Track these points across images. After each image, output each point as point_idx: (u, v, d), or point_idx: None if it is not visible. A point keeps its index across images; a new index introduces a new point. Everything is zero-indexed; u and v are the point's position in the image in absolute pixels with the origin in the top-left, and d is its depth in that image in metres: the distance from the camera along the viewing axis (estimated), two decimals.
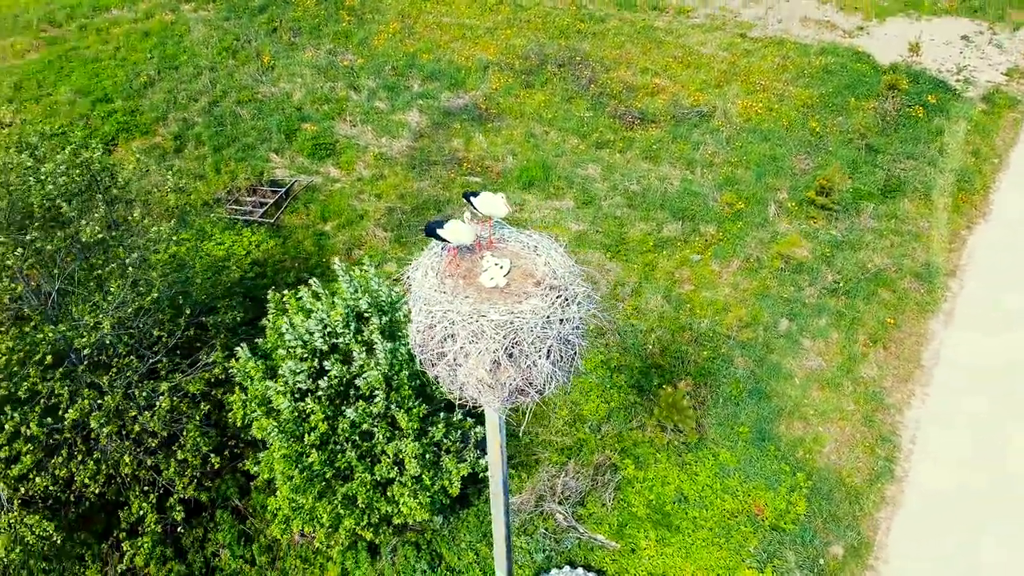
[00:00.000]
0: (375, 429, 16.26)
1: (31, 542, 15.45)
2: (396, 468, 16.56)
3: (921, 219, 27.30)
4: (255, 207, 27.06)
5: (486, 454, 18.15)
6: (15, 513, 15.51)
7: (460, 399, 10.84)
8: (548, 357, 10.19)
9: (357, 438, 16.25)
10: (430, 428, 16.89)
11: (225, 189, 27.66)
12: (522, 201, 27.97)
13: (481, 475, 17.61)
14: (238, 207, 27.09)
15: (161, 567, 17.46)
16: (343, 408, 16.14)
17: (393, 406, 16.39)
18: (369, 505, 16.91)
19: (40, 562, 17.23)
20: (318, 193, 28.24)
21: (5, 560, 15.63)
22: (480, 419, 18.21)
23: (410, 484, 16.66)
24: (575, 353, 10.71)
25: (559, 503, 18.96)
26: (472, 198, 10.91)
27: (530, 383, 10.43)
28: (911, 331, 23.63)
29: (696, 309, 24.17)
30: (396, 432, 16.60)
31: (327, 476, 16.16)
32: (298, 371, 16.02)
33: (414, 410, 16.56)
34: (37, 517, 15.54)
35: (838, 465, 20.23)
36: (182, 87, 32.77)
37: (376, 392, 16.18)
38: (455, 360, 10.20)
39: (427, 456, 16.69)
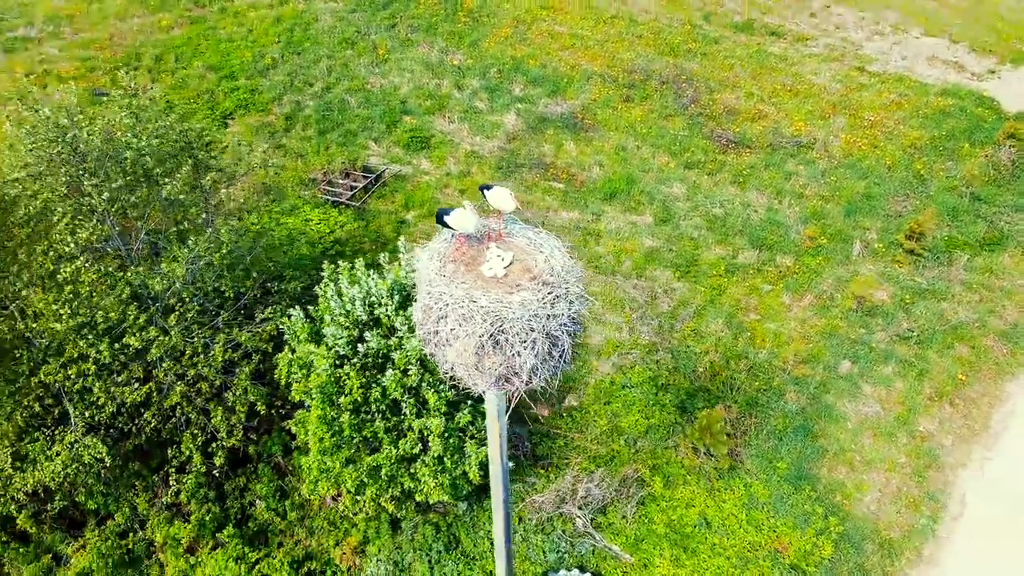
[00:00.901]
0: (404, 404, 16.96)
1: (87, 461, 17.01)
2: (420, 445, 17.21)
3: (1019, 276, 25.78)
4: (346, 190, 28.47)
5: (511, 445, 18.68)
6: (78, 432, 17.12)
7: (452, 379, 11.33)
8: (532, 349, 10.55)
9: (386, 409, 17.00)
10: (456, 413, 17.48)
11: (321, 170, 29.25)
12: (600, 211, 28.22)
13: (512, 465, 18.01)
14: (331, 188, 28.59)
15: (201, 505, 18.79)
16: (378, 377, 16.91)
17: (424, 385, 17.07)
18: (392, 478, 17.67)
19: (98, 484, 18.88)
20: (406, 183, 29.42)
21: (64, 475, 17.22)
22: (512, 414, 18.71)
23: (432, 464, 17.30)
24: (564, 350, 11.02)
25: (579, 507, 19.14)
26: (486, 191, 11.41)
27: (516, 372, 10.82)
28: (984, 391, 22.42)
29: (757, 339, 23.76)
30: (424, 410, 17.26)
31: (355, 442, 17.00)
32: (339, 337, 16.89)
33: (444, 393, 17.19)
34: (94, 440, 17.09)
35: (876, 516, 19.49)
36: (301, 72, 34.77)
37: (410, 367, 16.89)
38: (446, 340, 10.73)
39: (451, 439, 17.28)
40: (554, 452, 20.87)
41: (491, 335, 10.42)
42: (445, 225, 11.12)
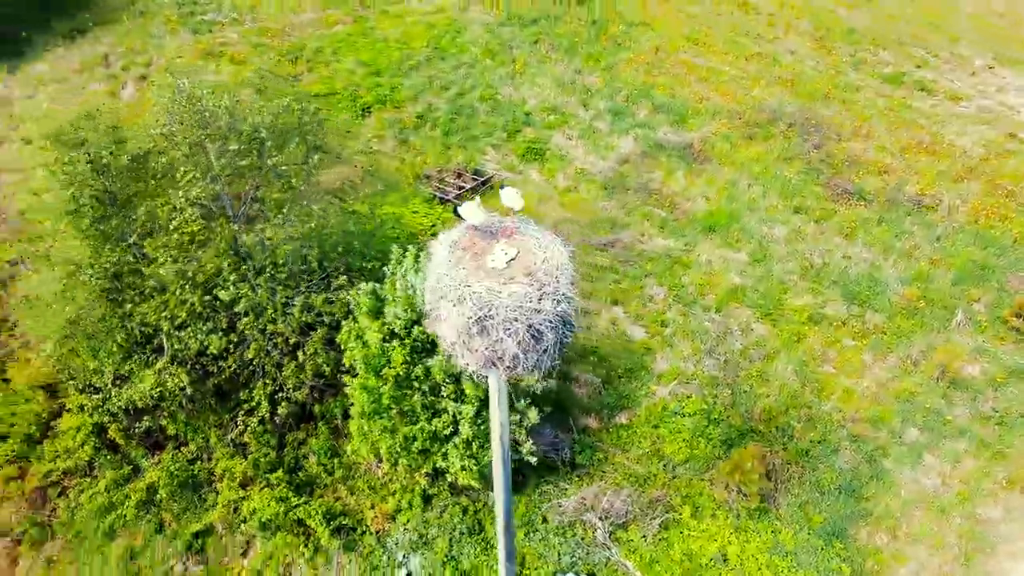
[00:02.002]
0: (444, 387, 18.15)
1: (171, 388, 19.33)
2: (452, 427, 18.33)
3: None
4: (455, 188, 30.15)
5: (543, 443, 19.49)
6: (165, 360, 19.49)
7: (449, 355, 12.35)
8: (514, 338, 11.40)
9: (427, 389, 18.24)
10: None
11: (436, 168, 31.12)
12: (695, 242, 28.39)
13: (535, 461, 18.89)
14: (441, 185, 30.37)
15: (261, 447, 20.79)
16: (424, 359, 18.19)
17: (465, 375, 18.15)
18: (426, 453, 18.92)
19: (181, 413, 21.29)
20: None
21: (152, 396, 19.63)
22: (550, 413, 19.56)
23: (461, 447, 18.39)
24: (549, 346, 11.78)
25: (601, 518, 19.59)
26: (502, 189, 12.38)
27: (500, 357, 11.71)
28: None
29: (825, 391, 23.25)
30: (462, 398, 18.38)
31: (393, 413, 18.35)
32: (398, 317, 18.28)
33: (482, 384, 18.21)
34: (180, 370, 19.39)
35: None
36: (440, 76, 36.96)
37: None
38: (440, 317, 11.80)
39: (482, 427, 18.29)
40: (593, 464, 21.40)
41: (478, 319, 11.37)
42: (459, 216, 12.18)
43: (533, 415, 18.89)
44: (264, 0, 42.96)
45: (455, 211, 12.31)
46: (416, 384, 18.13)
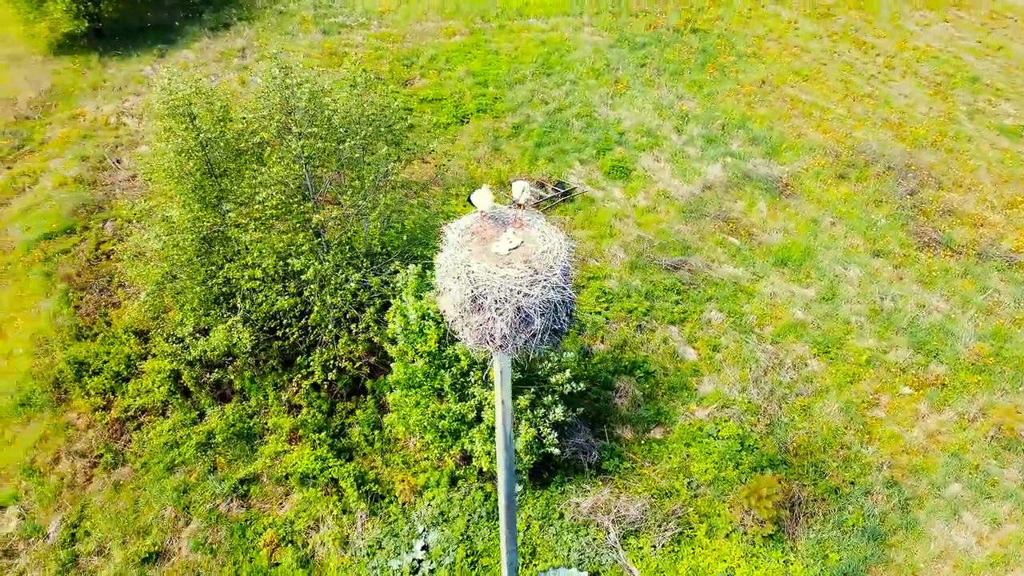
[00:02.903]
0: (472, 371, 19.27)
1: (234, 341, 21.36)
2: (478, 412, 19.41)
3: None
4: (535, 197, 31.30)
5: (572, 444, 20.31)
6: (236, 319, 21.54)
7: (452, 330, 13.45)
8: (503, 317, 12.38)
9: (456, 370, 19.41)
10: (519, 396, 19.44)
11: (520, 175, 32.39)
12: (764, 274, 28.36)
13: (557, 452, 19.73)
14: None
15: (311, 410, 22.54)
16: (456, 341, 19.37)
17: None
18: (455, 435, 20.08)
19: (248, 370, 23.35)
20: (592, 205, 31.60)
21: (223, 350, 21.73)
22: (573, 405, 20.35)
23: (484, 432, 19.44)
24: (538, 330, 12.67)
25: (613, 522, 20.13)
26: (513, 183, 13.41)
27: (491, 335, 12.71)
28: None
29: (870, 435, 22.86)
30: (489, 384, 19.44)
31: (425, 389, 19.63)
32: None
33: (512, 375, 19.21)
34: (247, 328, 21.38)
35: None
36: (542, 91, 38.33)
37: None
38: (444, 292, 12.94)
39: (513, 416, 19.25)
40: (619, 472, 21.93)
41: (472, 297, 12.43)
42: (471, 203, 13.29)
43: (559, 412, 19.72)
44: (392, 8, 45.78)
45: (469, 199, 13.41)
46: (447, 364, 19.32)
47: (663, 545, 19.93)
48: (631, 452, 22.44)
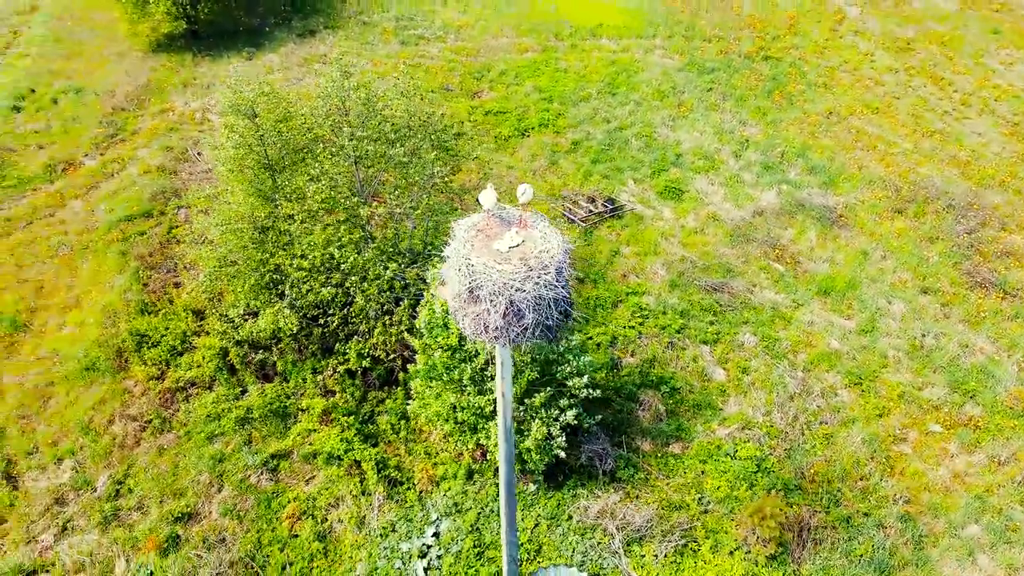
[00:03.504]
0: (491, 366, 20.12)
1: (280, 325, 22.81)
2: (493, 405, 20.22)
3: None
4: (584, 211, 32.03)
5: (584, 446, 20.92)
6: (283, 304, 23.00)
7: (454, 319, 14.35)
8: (497, 310, 13.21)
9: (475, 363, 20.29)
10: (535, 394, 20.18)
11: (572, 189, 33.19)
12: (804, 302, 28.32)
13: (564, 455, 20.37)
14: (573, 205, 32.38)
15: (344, 395, 23.80)
16: None
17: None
18: (475, 429, 20.96)
19: (291, 354, 24.81)
20: (640, 223, 32.10)
21: (269, 332, 23.24)
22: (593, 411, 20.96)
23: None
24: (529, 325, 13.43)
25: (617, 527, 20.59)
26: (518, 186, 14.26)
27: (486, 326, 13.56)
28: None
29: (892, 469, 22.65)
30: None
31: (444, 381, 20.58)
32: None
33: (528, 374, 20.03)
34: (291, 314, 22.81)
35: None
36: (606, 109, 39.08)
37: None
38: (445, 280, 13.87)
39: (524, 412, 20.05)
40: (632, 481, 22.35)
41: (470, 288, 13.32)
42: (479, 203, 14.18)
43: (571, 415, 20.37)
44: (470, 23, 47.37)
45: (478, 200, 14.32)
46: (467, 358, 20.22)
47: (665, 555, 20.23)
48: (647, 463, 22.83)
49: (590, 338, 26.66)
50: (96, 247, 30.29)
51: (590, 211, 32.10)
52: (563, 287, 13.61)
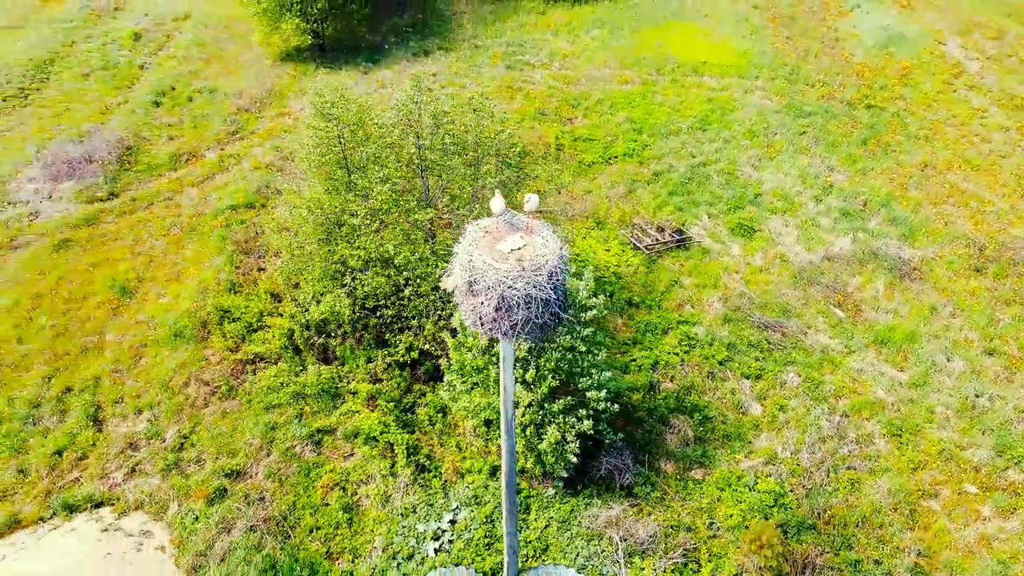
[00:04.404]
0: (517, 371, 21.45)
1: (336, 309, 24.98)
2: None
3: None
4: (651, 240, 32.87)
5: (605, 459, 21.93)
6: (342, 291, 25.16)
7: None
8: (490, 304, 14.59)
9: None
10: (555, 401, 21.33)
11: (643, 218, 34.11)
12: (857, 350, 28.11)
13: (576, 460, 21.36)
14: (641, 233, 33.29)
15: (390, 384, 25.66)
16: None
17: (535, 368, 21.31)
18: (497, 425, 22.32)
19: (350, 339, 26.94)
20: (705, 256, 32.62)
21: (328, 317, 25.49)
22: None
23: (518, 429, 21.48)
24: (518, 321, 14.71)
25: (621, 538, 21.35)
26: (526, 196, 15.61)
27: (480, 318, 14.96)
28: None
29: (916, 523, 22.33)
30: (531, 386, 21.50)
31: (473, 380, 22.04)
32: None
33: (548, 381, 21.22)
34: (348, 301, 24.93)
35: None
36: (693, 144, 39.75)
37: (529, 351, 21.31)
38: (450, 273, 15.38)
39: (539, 414, 21.26)
40: (647, 499, 23.02)
41: (469, 282, 14.77)
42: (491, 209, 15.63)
43: (587, 425, 21.36)
44: (577, 52, 49.13)
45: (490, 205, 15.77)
46: (496, 359, 21.60)
47: (664, 570, 20.81)
48: (665, 484, 23.43)
49: (633, 360, 27.50)
50: (202, 230, 33.66)
51: (656, 240, 32.90)
52: (553, 289, 14.84)
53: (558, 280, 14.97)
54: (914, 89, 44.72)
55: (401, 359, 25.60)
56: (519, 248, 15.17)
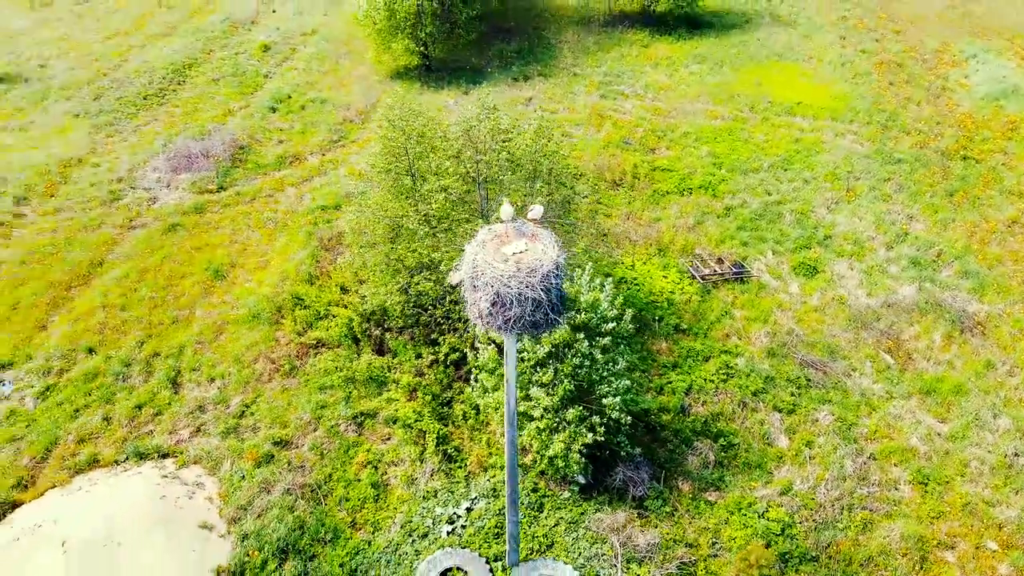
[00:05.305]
0: (537, 371, 22.90)
1: (386, 304, 27.20)
2: (536, 411, 22.92)
3: None
4: (709, 271, 33.56)
5: (625, 473, 23.13)
6: (396, 288, 27.37)
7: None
8: (487, 300, 16.22)
9: (522, 366, 23.17)
10: (570, 408, 22.64)
11: (706, 248, 34.83)
12: (901, 396, 27.91)
13: (582, 464, 22.55)
14: (701, 264, 34.03)
15: (432, 378, 27.60)
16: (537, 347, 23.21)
17: (558, 380, 22.71)
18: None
19: (403, 335, 29.13)
20: (761, 290, 33.00)
21: (379, 304, 27.81)
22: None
23: (533, 431, 22.94)
24: (513, 317, 16.25)
25: (620, 544, 22.31)
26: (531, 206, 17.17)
27: (479, 312, 16.61)
28: None
29: (923, 571, 22.17)
30: (550, 389, 22.89)
31: (496, 377, 23.64)
32: None
33: (565, 384, 22.57)
34: (400, 297, 27.12)
35: None
36: (771, 182, 40.06)
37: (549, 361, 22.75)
38: (457, 269, 17.12)
39: (553, 421, 22.63)
40: (657, 513, 23.86)
41: (472, 277, 16.48)
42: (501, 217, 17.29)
43: (593, 436, 22.52)
44: (672, 86, 50.25)
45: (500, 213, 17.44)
46: (523, 358, 23.13)
47: None
48: (677, 500, 24.20)
49: (669, 382, 28.34)
50: (292, 226, 36.88)
51: (714, 271, 33.56)
52: (545, 291, 16.31)
53: (551, 283, 16.43)
54: (1020, 144, 43.30)
55: (443, 357, 27.47)
56: (521, 252, 16.74)
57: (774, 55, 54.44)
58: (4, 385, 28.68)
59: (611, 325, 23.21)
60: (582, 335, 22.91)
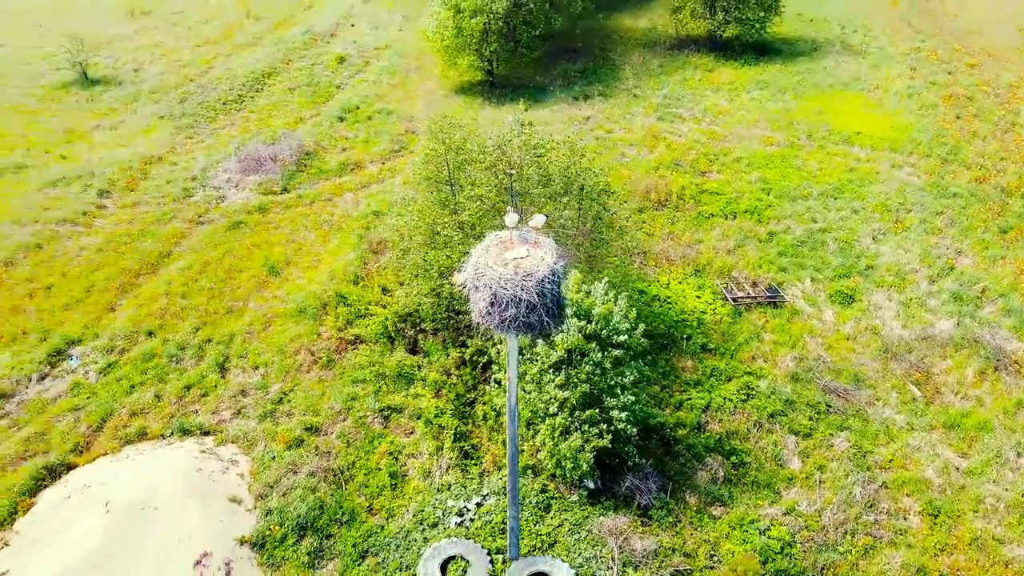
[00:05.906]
0: (551, 371, 23.97)
1: (416, 306, 28.71)
2: (551, 408, 23.96)
3: None
4: (743, 293, 33.93)
5: (632, 482, 24.02)
6: (426, 290, 28.85)
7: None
8: (485, 300, 17.43)
9: (538, 366, 24.26)
10: (584, 412, 23.61)
11: (742, 272, 35.22)
12: (922, 428, 27.79)
13: (588, 467, 23.46)
14: (735, 286, 34.44)
15: (458, 377, 28.93)
16: (550, 352, 24.27)
17: (572, 384, 23.72)
18: (529, 422, 24.97)
19: (435, 337, 30.59)
20: (794, 316, 33.19)
21: (411, 305, 29.33)
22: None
23: (547, 431, 24.00)
24: (508, 317, 17.38)
25: (618, 548, 23.07)
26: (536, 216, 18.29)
27: (479, 311, 17.82)
28: None
29: None
30: (565, 387, 23.92)
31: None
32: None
33: (580, 387, 23.54)
34: (428, 299, 28.60)
35: None
36: (819, 210, 40.06)
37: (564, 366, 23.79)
38: (461, 270, 18.38)
39: (565, 422, 23.65)
40: (660, 523, 24.51)
41: (473, 278, 17.72)
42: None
43: (605, 440, 23.39)
44: (731, 111, 50.62)
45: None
46: (535, 358, 24.22)
47: None
48: (681, 511, 24.79)
49: (688, 398, 28.91)
50: (346, 229, 38.92)
51: (748, 293, 33.92)
52: (540, 295, 17.41)
53: (546, 288, 17.51)
54: None
55: (469, 357, 28.77)
56: (522, 257, 17.90)
57: (839, 84, 54.21)
58: (72, 360, 31.30)
59: (623, 338, 24.07)
60: (594, 344, 23.86)
